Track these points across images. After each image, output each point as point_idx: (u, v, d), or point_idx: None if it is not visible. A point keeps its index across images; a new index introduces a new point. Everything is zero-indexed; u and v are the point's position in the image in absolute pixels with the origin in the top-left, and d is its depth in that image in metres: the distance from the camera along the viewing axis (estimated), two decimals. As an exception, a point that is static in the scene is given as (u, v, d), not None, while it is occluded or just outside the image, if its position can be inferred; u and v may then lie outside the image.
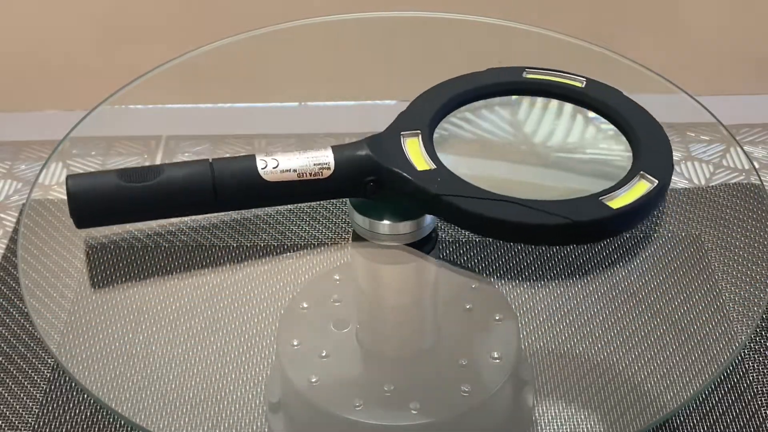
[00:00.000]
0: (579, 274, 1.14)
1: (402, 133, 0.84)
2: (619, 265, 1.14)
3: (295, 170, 0.79)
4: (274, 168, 0.79)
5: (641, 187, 0.79)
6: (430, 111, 0.87)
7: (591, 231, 0.78)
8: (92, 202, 0.81)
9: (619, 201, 0.78)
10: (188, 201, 0.81)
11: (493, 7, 1.51)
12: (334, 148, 0.82)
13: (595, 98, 0.89)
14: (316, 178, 0.80)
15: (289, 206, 1.37)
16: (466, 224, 0.80)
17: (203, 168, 0.80)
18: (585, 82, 0.91)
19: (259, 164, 0.79)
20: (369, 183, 0.81)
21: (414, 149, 0.83)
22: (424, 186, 0.80)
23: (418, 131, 0.84)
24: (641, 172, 0.81)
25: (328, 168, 0.80)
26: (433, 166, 0.81)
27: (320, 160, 0.80)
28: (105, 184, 0.80)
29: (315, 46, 1.22)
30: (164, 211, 0.83)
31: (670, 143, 0.86)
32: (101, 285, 1.13)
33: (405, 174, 0.81)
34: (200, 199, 0.81)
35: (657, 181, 0.80)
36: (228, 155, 0.83)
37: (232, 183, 0.80)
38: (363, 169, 0.81)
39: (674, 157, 0.85)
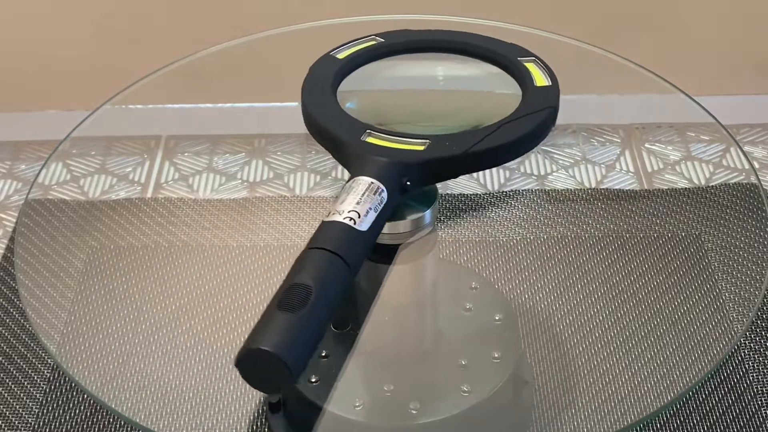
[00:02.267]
0: (579, 274, 1.14)
1: (363, 139, 0.84)
2: (619, 265, 1.14)
3: (370, 208, 0.79)
4: (359, 218, 0.78)
5: (533, 67, 0.90)
6: (342, 114, 0.87)
7: (557, 107, 0.88)
8: (298, 351, 0.72)
9: (542, 80, 0.89)
10: (341, 290, 0.76)
11: (492, 8, 1.51)
12: (366, 173, 0.81)
13: (412, 40, 0.98)
14: (383, 204, 0.80)
15: (287, 206, 1.38)
16: (495, 160, 0.85)
17: (324, 254, 0.75)
18: (382, 39, 0.97)
19: (349, 222, 0.78)
20: (406, 183, 0.82)
21: (390, 143, 0.83)
22: (449, 155, 0.82)
23: (367, 129, 0.84)
24: (518, 59, 0.91)
25: (382, 190, 0.80)
26: (427, 141, 0.83)
27: (372, 188, 0.80)
28: (290, 327, 0.71)
29: (315, 47, 1.22)
30: (333, 311, 0.76)
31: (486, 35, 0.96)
32: (101, 285, 1.13)
33: (426, 157, 0.82)
34: (346, 284, 0.76)
35: (533, 56, 0.92)
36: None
37: (356, 253, 0.77)
38: (397, 174, 0.81)
39: (674, 157, 0.86)
